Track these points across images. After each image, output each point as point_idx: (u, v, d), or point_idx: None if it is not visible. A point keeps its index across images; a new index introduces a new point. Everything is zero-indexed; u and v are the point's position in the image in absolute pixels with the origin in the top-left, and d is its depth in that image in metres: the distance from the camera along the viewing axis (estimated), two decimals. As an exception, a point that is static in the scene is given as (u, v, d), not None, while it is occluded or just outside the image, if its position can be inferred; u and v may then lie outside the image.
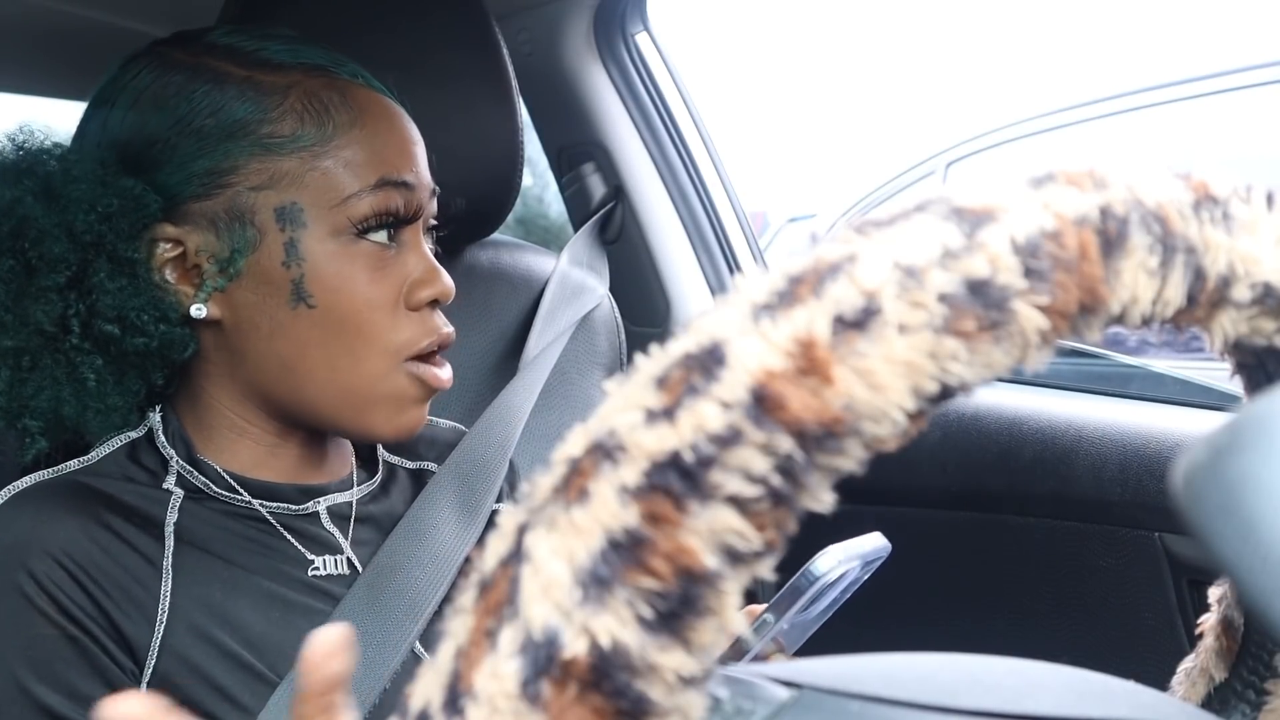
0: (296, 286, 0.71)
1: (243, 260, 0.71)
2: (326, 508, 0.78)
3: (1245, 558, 0.22)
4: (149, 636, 0.68)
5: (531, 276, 1.14)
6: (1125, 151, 1.96)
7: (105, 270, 0.70)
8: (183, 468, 0.74)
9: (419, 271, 0.75)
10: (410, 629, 0.75)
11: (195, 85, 0.72)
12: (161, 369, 0.73)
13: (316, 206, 0.72)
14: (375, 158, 0.73)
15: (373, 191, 0.72)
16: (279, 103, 0.72)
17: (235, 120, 0.72)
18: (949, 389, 0.25)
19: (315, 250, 0.71)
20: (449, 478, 0.85)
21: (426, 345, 0.75)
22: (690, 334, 0.26)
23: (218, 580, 0.71)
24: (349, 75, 0.75)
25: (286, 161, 0.71)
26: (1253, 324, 0.30)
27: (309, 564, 0.75)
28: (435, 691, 0.25)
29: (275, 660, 0.70)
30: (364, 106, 0.74)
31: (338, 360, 0.72)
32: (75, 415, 0.70)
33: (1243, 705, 0.41)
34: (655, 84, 1.39)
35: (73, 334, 0.69)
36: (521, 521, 0.26)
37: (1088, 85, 2.02)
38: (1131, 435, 1.10)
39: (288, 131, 0.72)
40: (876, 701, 0.30)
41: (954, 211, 0.26)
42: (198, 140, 0.71)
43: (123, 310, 0.70)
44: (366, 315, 0.72)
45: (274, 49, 0.75)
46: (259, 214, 0.71)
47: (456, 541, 0.81)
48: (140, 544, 0.70)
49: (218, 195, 0.71)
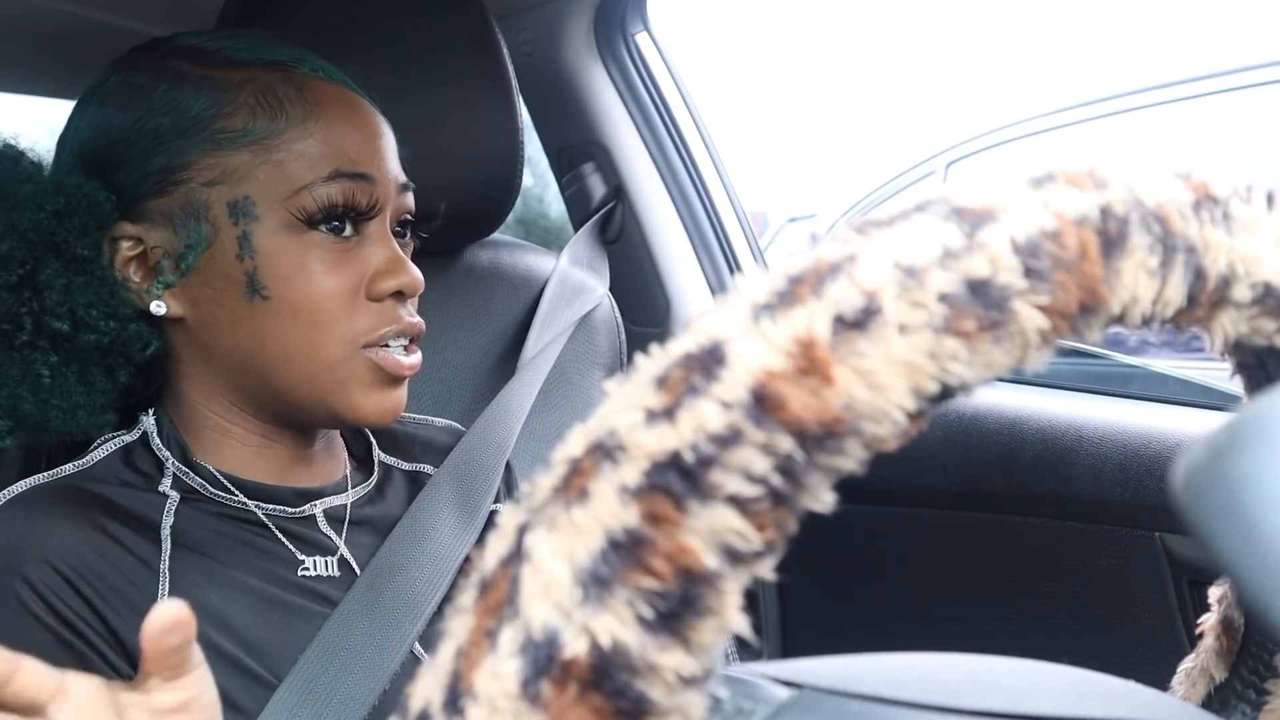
0: (251, 279, 0.71)
1: (195, 256, 0.72)
2: (323, 510, 0.78)
3: (1245, 558, 0.22)
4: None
5: (531, 276, 1.14)
6: (1125, 151, 1.96)
7: (54, 267, 0.70)
8: (179, 469, 0.74)
9: (380, 263, 0.74)
10: (409, 630, 0.75)
11: (155, 86, 0.73)
12: (125, 367, 0.73)
13: (269, 199, 0.72)
14: (331, 150, 0.73)
15: (327, 183, 0.72)
16: (233, 98, 0.73)
17: (190, 117, 0.72)
18: (949, 389, 0.25)
19: (268, 243, 0.72)
20: (448, 478, 0.85)
21: (384, 333, 0.74)
22: (690, 334, 0.26)
23: (214, 583, 0.71)
24: (308, 69, 0.75)
25: (238, 156, 0.72)
26: (1253, 324, 0.30)
27: (299, 564, 0.75)
28: (435, 691, 0.25)
29: (274, 662, 0.70)
30: (321, 99, 0.74)
31: (295, 349, 0.72)
32: (36, 413, 0.70)
33: (1243, 705, 0.41)
34: (655, 84, 1.39)
35: (24, 330, 0.70)
36: (521, 521, 0.26)
37: (1088, 85, 2.02)
38: (1131, 435, 1.10)
39: (239, 126, 0.72)
40: (876, 701, 0.30)
41: (954, 211, 0.26)
42: (154, 139, 0.72)
43: (72, 306, 0.70)
44: (321, 304, 0.72)
45: (234, 47, 0.75)
46: (212, 209, 0.72)
47: (455, 542, 0.81)
48: (136, 547, 0.70)
49: (172, 192, 0.72)
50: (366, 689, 0.71)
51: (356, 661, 0.72)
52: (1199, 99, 1.79)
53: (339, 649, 0.72)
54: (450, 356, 1.07)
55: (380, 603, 0.75)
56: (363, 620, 0.73)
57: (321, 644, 0.71)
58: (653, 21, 1.39)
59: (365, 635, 0.73)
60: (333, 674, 0.71)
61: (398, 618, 0.75)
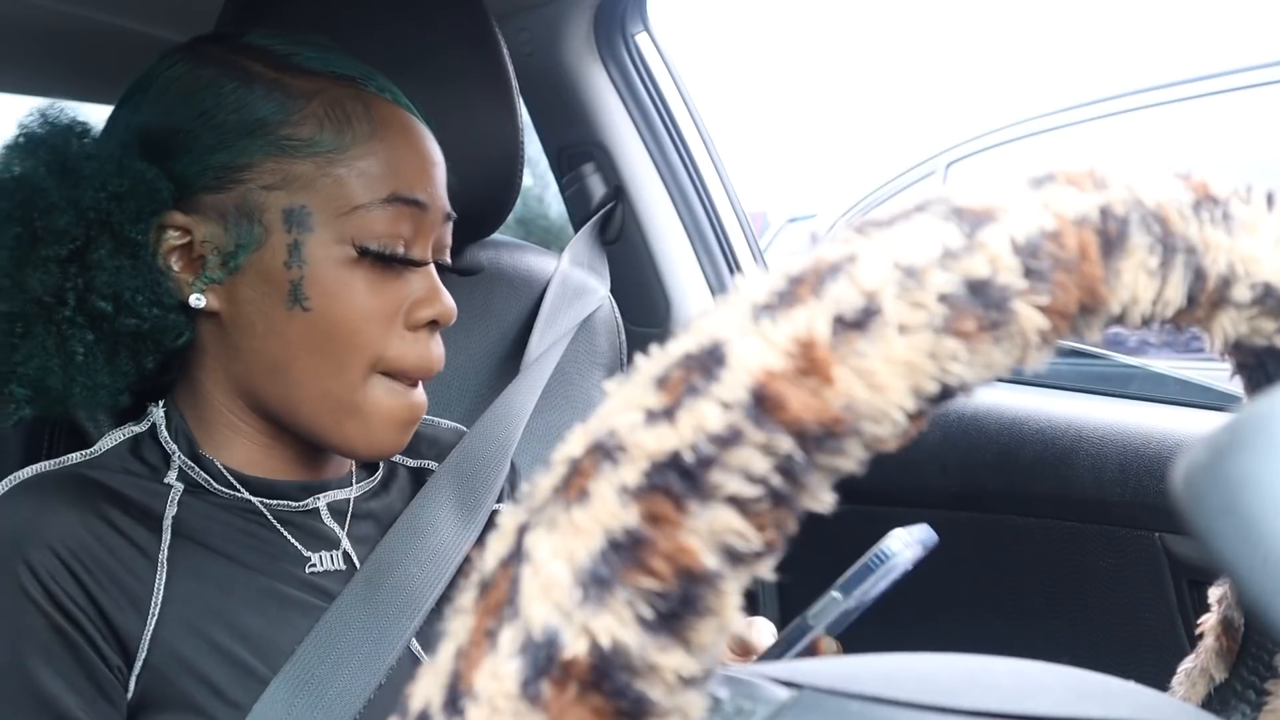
0: (295, 288, 0.72)
1: (245, 256, 0.72)
2: (326, 504, 0.78)
3: (1245, 558, 0.22)
4: (140, 629, 0.68)
5: (532, 277, 1.14)
6: (1125, 151, 1.96)
7: (108, 248, 0.71)
8: (184, 463, 0.75)
9: (421, 291, 0.75)
10: (407, 626, 0.75)
11: (224, 81, 0.73)
12: (154, 354, 0.74)
13: (325, 212, 0.72)
14: (390, 172, 0.73)
15: (383, 205, 0.73)
16: (302, 106, 0.73)
17: (257, 118, 0.72)
18: (949, 389, 0.25)
19: (318, 255, 0.72)
20: (448, 476, 0.85)
21: (410, 365, 0.75)
22: (690, 334, 0.26)
23: (213, 575, 0.72)
24: (376, 89, 0.76)
25: (301, 165, 0.72)
26: (1253, 324, 0.30)
27: (306, 561, 0.75)
28: (435, 692, 0.25)
29: (270, 656, 0.71)
30: (386, 120, 0.75)
31: (322, 365, 0.73)
32: (61, 387, 0.71)
33: (1243, 705, 0.41)
34: (655, 84, 1.39)
35: (67, 306, 0.70)
36: (521, 521, 0.26)
37: (1088, 85, 2.02)
38: (1131, 435, 1.10)
39: (306, 135, 0.72)
40: (876, 701, 0.30)
41: (954, 211, 0.26)
42: (218, 134, 0.72)
43: (118, 289, 0.71)
44: (359, 325, 0.73)
45: (306, 55, 0.76)
46: (267, 212, 0.72)
47: (455, 540, 0.81)
48: (137, 537, 0.70)
49: (230, 190, 0.72)
50: (362, 683, 0.72)
51: (353, 655, 0.72)
52: (1199, 99, 1.79)
53: (336, 642, 0.72)
54: (450, 357, 1.07)
55: (378, 597, 0.75)
56: (360, 614, 0.74)
57: (318, 636, 0.72)
58: (653, 21, 1.39)
59: (362, 629, 0.73)
60: (329, 666, 0.71)
61: (395, 613, 0.75)
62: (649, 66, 1.39)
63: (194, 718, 0.68)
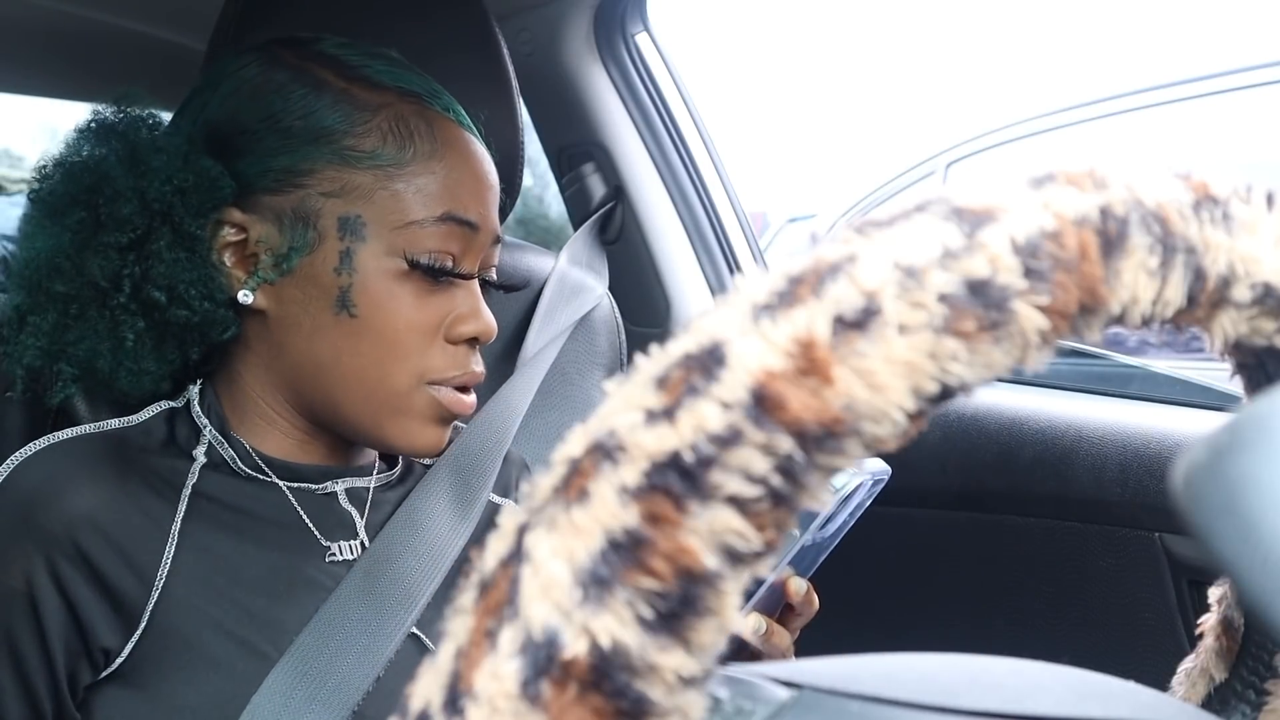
0: (343, 294, 0.73)
1: (298, 259, 0.73)
2: (345, 489, 0.80)
3: (1245, 558, 0.22)
4: (144, 598, 0.70)
5: (531, 276, 1.14)
6: (1125, 151, 1.96)
7: (167, 240, 0.72)
8: (215, 438, 0.77)
9: (465, 307, 0.77)
10: (404, 618, 0.76)
11: (294, 87, 0.75)
12: (199, 345, 0.76)
13: (379, 224, 0.73)
14: (447, 192, 0.75)
15: (436, 223, 0.74)
16: (367, 119, 0.74)
17: (322, 126, 0.74)
18: (949, 389, 0.25)
19: (368, 264, 0.73)
20: (444, 470, 0.86)
21: (450, 377, 0.76)
22: (690, 334, 0.26)
23: (225, 551, 0.73)
24: (441, 108, 0.78)
25: (360, 175, 0.73)
26: (1253, 324, 0.30)
27: (325, 550, 0.77)
28: (435, 692, 0.25)
29: (274, 635, 0.72)
30: (447, 140, 0.76)
31: (367, 371, 0.74)
32: (109, 370, 0.73)
33: (1243, 705, 0.41)
34: (655, 84, 1.39)
35: (122, 293, 0.72)
36: (521, 522, 0.26)
37: (1088, 85, 2.02)
38: (1131, 435, 1.10)
39: (368, 147, 0.74)
40: (876, 701, 0.30)
41: (954, 211, 0.26)
42: (283, 138, 0.74)
43: (173, 281, 0.72)
44: (403, 335, 0.74)
45: (377, 68, 0.77)
46: (323, 219, 0.73)
47: (450, 534, 0.82)
48: (153, 508, 0.72)
49: (289, 193, 0.74)
50: (361, 673, 0.72)
51: (352, 645, 0.73)
52: (1199, 99, 1.79)
53: (335, 631, 0.73)
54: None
55: (377, 589, 0.76)
56: (359, 605, 0.75)
57: (318, 625, 0.73)
58: (653, 21, 1.39)
59: (361, 620, 0.74)
60: (328, 656, 0.72)
61: (393, 605, 0.76)
62: (649, 66, 1.39)
63: (190, 689, 0.69)
